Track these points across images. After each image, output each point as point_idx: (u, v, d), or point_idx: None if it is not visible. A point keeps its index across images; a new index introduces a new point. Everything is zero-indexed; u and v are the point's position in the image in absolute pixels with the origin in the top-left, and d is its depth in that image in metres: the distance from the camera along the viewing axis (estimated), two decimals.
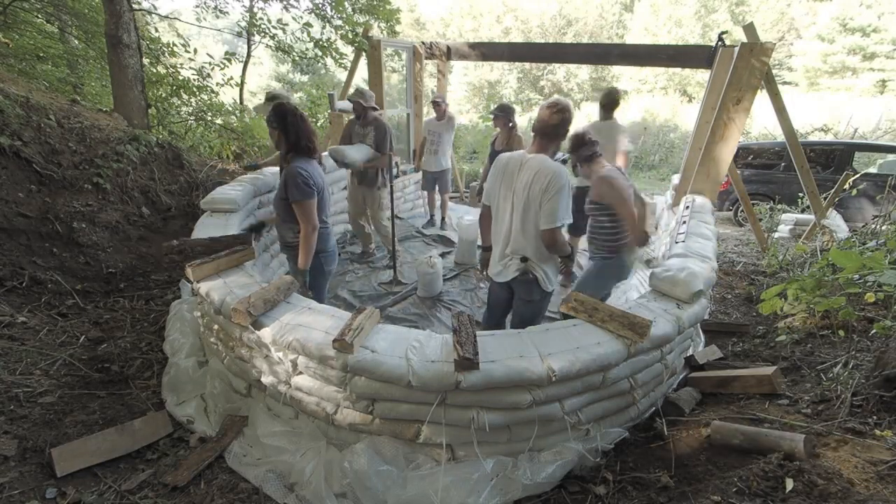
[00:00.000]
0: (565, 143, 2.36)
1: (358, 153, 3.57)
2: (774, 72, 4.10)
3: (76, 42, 7.19)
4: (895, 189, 4.26)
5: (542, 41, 22.53)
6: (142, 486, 1.93)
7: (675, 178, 5.19)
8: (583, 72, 22.98)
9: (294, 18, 7.15)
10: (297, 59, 7.38)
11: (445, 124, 5.08)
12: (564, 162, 2.42)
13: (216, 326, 2.35)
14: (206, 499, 1.87)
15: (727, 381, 2.32)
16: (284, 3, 7.28)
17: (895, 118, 12.15)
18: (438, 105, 4.99)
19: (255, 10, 7.86)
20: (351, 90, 5.61)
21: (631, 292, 3.77)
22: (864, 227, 4.56)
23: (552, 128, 2.05)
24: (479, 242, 2.60)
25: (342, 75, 8.77)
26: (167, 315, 3.00)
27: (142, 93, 5.00)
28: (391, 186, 3.88)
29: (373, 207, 4.11)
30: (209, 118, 7.06)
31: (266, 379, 2.10)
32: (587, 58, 7.43)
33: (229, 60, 6.84)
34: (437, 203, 5.52)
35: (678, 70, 19.00)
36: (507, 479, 1.83)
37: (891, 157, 6.74)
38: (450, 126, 5.13)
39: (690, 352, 2.73)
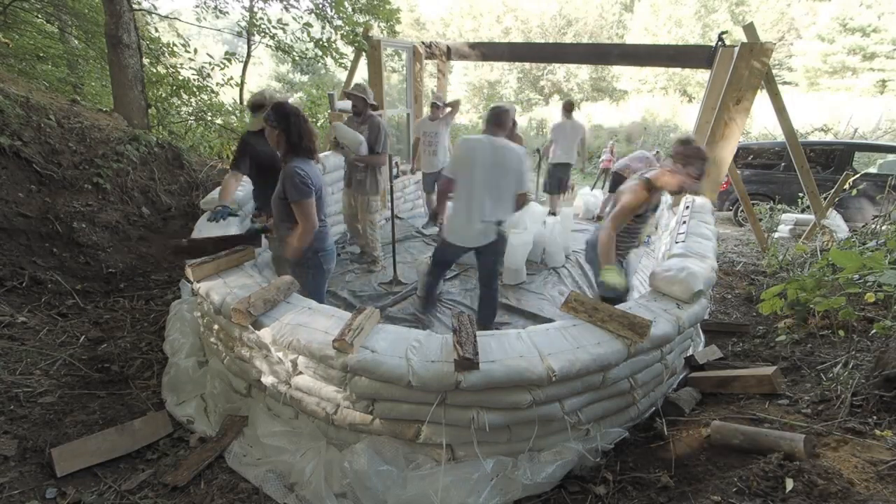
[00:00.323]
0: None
1: (355, 137, 3.61)
2: (774, 72, 4.10)
3: (76, 42, 7.19)
4: (895, 189, 4.26)
5: (542, 41, 22.52)
6: (142, 486, 1.93)
7: None
8: (583, 72, 22.96)
9: (294, 18, 7.14)
10: (297, 59, 7.37)
11: (441, 122, 5.03)
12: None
13: (216, 326, 2.35)
14: (206, 499, 1.87)
15: (727, 381, 2.32)
16: (284, 3, 7.28)
17: (895, 118, 12.14)
18: (437, 107, 4.95)
19: (255, 10, 7.86)
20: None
21: (631, 292, 3.76)
22: (864, 227, 4.56)
23: (506, 118, 2.76)
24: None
25: (342, 75, 8.76)
26: (167, 315, 3.00)
27: (142, 93, 5.00)
28: (391, 187, 3.87)
29: (362, 211, 4.09)
30: (209, 118, 7.06)
31: (266, 379, 2.10)
32: (587, 58, 7.44)
33: (229, 60, 6.83)
34: None
35: (678, 70, 19.01)
36: (507, 479, 1.83)
37: (891, 157, 6.74)
38: (445, 124, 5.07)
39: (690, 352, 2.73)
